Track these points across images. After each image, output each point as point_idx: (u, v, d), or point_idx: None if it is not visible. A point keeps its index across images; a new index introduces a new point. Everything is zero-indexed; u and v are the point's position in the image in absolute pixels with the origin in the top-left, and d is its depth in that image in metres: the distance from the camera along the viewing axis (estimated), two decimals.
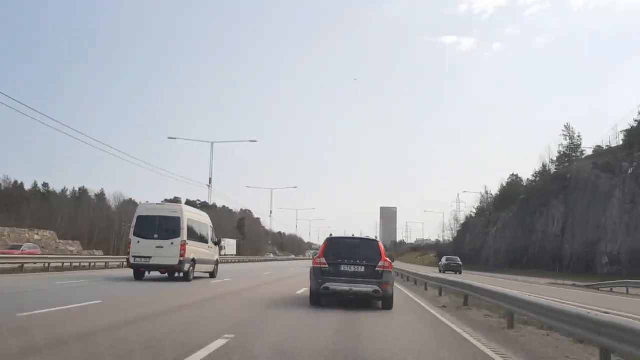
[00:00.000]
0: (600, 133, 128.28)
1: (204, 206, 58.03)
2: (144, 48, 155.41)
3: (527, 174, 79.97)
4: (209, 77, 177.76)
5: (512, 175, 79.56)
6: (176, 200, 58.70)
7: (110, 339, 6.05)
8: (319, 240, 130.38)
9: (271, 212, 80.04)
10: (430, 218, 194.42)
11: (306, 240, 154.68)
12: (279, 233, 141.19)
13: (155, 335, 6.46)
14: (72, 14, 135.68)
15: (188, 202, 71.05)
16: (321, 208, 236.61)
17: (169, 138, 62.27)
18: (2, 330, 6.30)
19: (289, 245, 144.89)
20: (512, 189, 74.91)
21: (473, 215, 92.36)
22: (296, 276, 24.69)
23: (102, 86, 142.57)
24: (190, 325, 7.53)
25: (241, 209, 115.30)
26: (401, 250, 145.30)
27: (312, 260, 12.43)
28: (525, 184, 74.12)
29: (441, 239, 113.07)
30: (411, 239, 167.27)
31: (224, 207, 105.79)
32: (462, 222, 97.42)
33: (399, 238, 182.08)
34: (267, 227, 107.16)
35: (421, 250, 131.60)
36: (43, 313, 8.11)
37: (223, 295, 13.66)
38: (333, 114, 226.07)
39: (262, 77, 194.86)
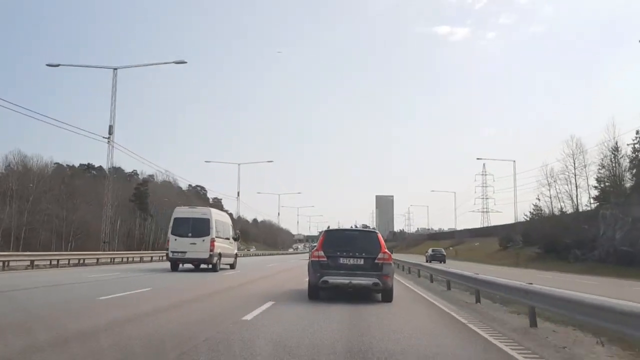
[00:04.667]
0: (595, 120, 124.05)
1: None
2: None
3: None
4: (196, 75, 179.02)
5: None
6: None
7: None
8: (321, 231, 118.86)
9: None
10: (430, 205, 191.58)
11: (294, 231, 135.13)
12: (255, 220, 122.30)
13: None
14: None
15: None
16: (315, 199, 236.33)
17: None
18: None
19: (263, 236, 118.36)
20: None
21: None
22: None
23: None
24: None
25: (190, 185, 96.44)
26: (410, 240, 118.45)
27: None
28: None
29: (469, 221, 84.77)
30: (412, 228, 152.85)
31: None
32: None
33: (398, 227, 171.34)
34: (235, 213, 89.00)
35: (456, 236, 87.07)
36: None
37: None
38: (325, 105, 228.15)
39: (250, 71, 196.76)
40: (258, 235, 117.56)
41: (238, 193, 60.73)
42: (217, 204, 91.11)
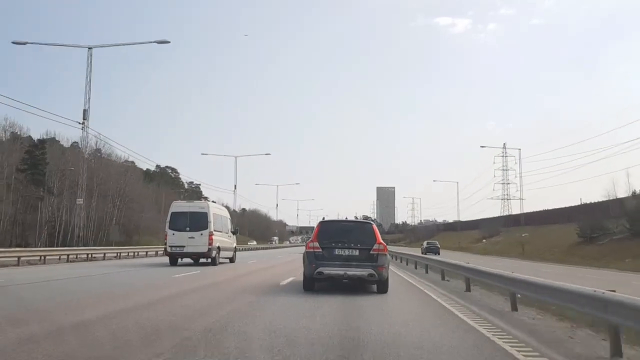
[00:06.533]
0: (595, 111, 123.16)
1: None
2: None
3: None
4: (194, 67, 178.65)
5: None
6: None
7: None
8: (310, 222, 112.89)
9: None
10: (433, 196, 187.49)
11: (288, 222, 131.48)
12: (243, 210, 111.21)
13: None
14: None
15: None
16: (314, 191, 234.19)
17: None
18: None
19: (250, 228, 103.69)
20: None
21: None
22: None
23: None
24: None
25: (159, 166, 74.91)
26: (422, 231, 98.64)
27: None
28: None
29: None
30: (415, 219, 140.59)
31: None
32: None
33: (401, 219, 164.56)
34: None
35: (481, 226, 69.15)
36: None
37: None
38: (325, 97, 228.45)
39: (250, 62, 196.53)
40: (244, 227, 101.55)
41: (235, 187, 60.07)
42: (195, 191, 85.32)
